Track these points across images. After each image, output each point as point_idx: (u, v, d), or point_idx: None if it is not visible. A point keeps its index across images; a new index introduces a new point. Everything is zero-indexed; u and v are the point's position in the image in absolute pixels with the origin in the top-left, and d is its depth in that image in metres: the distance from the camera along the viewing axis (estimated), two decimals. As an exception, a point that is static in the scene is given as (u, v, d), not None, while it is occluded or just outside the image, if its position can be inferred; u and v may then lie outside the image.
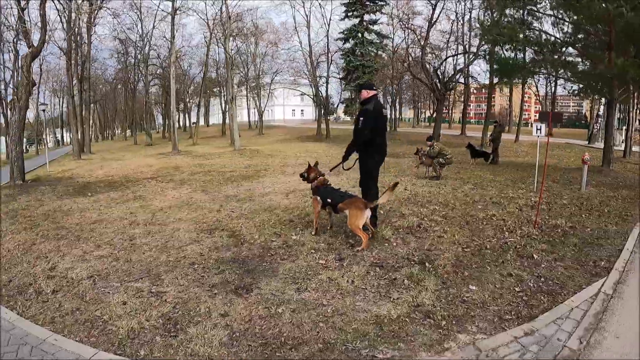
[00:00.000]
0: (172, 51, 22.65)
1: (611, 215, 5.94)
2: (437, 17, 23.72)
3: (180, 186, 9.74)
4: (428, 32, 22.94)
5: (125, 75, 39.42)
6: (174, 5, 21.69)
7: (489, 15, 13.39)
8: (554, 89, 35.05)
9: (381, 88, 38.65)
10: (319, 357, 2.59)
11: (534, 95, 42.29)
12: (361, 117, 4.77)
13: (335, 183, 8.60)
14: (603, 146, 12.47)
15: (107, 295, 3.62)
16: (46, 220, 6.64)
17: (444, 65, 25.76)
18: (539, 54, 11.77)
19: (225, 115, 39.68)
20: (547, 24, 11.74)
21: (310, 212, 6.03)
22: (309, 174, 5.17)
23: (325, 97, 32.97)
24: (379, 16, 27.84)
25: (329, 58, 31.92)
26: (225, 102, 39.08)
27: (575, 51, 11.62)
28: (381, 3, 26.89)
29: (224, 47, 23.45)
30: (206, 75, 37.19)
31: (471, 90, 39.38)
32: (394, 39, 30.07)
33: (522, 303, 3.21)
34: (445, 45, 28.66)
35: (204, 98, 49.39)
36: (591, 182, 8.81)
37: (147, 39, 33.07)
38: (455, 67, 25.97)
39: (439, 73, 23.50)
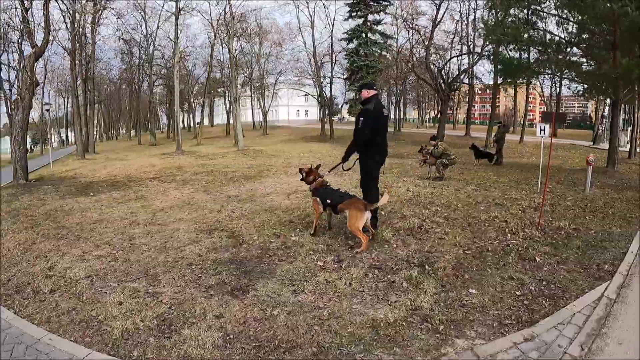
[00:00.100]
0: (176, 51, 22.71)
1: (615, 218, 5.84)
2: (442, 17, 23.70)
3: (182, 186, 9.74)
4: (432, 33, 22.89)
5: (130, 76, 39.64)
6: (178, 5, 21.75)
7: (493, 15, 13.27)
8: (558, 90, 34.85)
9: (385, 88, 38.60)
10: (313, 361, 2.55)
11: (538, 96, 42.05)
12: (361, 117, 4.72)
13: (337, 184, 8.59)
14: (608, 147, 12.33)
15: (103, 295, 3.61)
16: (47, 219, 6.66)
17: (448, 65, 25.64)
18: (543, 54, 11.66)
19: (230, 116, 39.72)
20: (552, 23, 11.62)
21: (310, 212, 5.99)
22: (308, 176, 5.13)
23: (329, 97, 32.95)
24: (383, 16, 27.83)
25: (333, 58, 31.90)
26: (229, 102, 39.13)
27: (580, 51, 11.51)
28: (385, 3, 26.84)
29: (228, 47, 23.49)
30: (210, 75, 37.25)
31: (476, 91, 39.16)
32: (398, 39, 30.02)
33: (523, 307, 3.14)
34: (450, 46, 28.48)
35: (208, 98, 49.55)
36: (595, 183, 8.71)
37: (152, 39, 33.27)
38: (460, 67, 25.82)
39: (443, 73, 23.41)
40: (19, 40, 15.86)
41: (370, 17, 27.10)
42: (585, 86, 11.81)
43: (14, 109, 11.00)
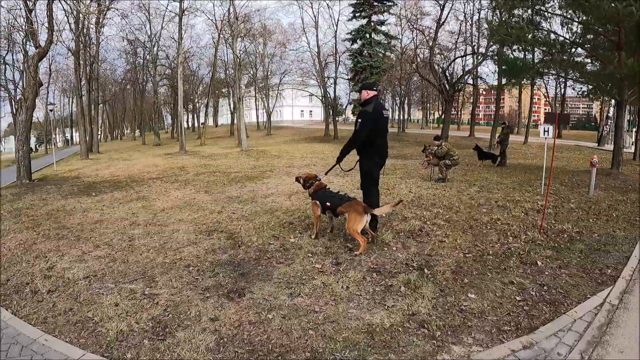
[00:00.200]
0: (180, 52, 22.76)
1: (619, 220, 5.75)
2: (446, 17, 23.57)
3: (184, 187, 9.75)
4: (436, 33, 22.76)
5: (134, 76, 39.82)
6: (182, 6, 21.81)
7: (497, 16, 13.16)
8: (563, 90, 34.58)
9: (389, 89, 38.49)
10: (306, 367, 2.51)
11: (543, 97, 41.77)
12: (359, 119, 4.67)
13: (338, 185, 8.57)
14: (612, 148, 12.21)
15: (100, 297, 3.60)
16: (49, 219, 6.68)
17: (452, 66, 25.54)
18: (547, 55, 11.55)
19: (234, 116, 39.82)
20: (556, 24, 11.50)
21: (310, 214, 5.95)
22: (306, 181, 5.10)
23: (333, 97, 32.92)
24: (387, 17, 27.74)
25: (337, 59, 31.90)
26: (233, 102, 39.21)
27: (584, 52, 11.39)
28: (389, 3, 26.75)
29: (232, 47, 23.52)
30: (214, 76, 37.36)
31: (480, 92, 38.95)
32: (402, 39, 29.93)
33: (523, 313, 3.07)
34: (454, 46, 28.37)
35: (213, 98, 49.67)
36: (600, 185, 8.60)
37: (156, 39, 33.39)
38: (464, 68, 25.69)
39: (447, 74, 23.30)
40: (24, 41, 15.97)
41: (374, 18, 27.01)
42: (590, 87, 11.69)
43: (18, 109, 11.07)
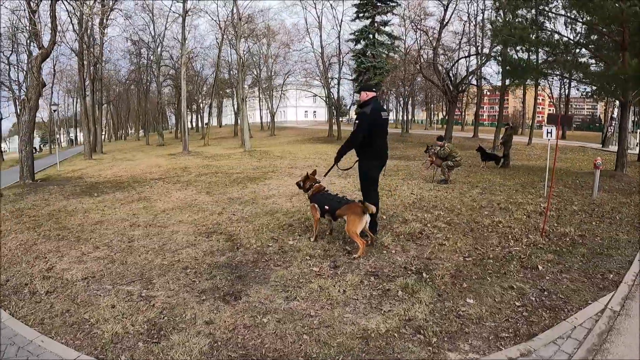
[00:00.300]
0: (183, 53, 22.83)
1: (623, 223, 5.66)
2: (449, 18, 23.49)
3: (185, 187, 9.75)
4: (440, 34, 22.71)
5: (138, 76, 40.02)
6: (185, 6, 21.87)
7: (501, 16, 13.07)
8: (567, 91, 34.32)
9: (393, 90, 38.39)
10: (299, 372, 2.49)
11: (547, 98, 41.48)
12: (357, 121, 4.63)
13: (340, 186, 8.53)
14: (617, 150, 12.08)
15: (97, 298, 3.60)
16: (50, 220, 6.71)
17: (456, 66, 25.39)
18: (551, 55, 11.46)
19: (237, 116, 39.92)
20: (560, 24, 11.41)
21: (310, 216, 5.92)
22: (305, 183, 5.07)
23: (337, 98, 32.88)
24: (391, 17, 27.59)
25: (341, 59, 31.88)
26: (237, 103, 39.30)
27: (588, 52, 11.28)
28: (393, 4, 26.61)
29: (235, 48, 23.57)
30: (218, 76, 37.43)
31: (484, 92, 38.75)
32: (406, 40, 29.82)
33: (522, 319, 3.02)
34: (458, 47, 28.21)
35: (216, 99, 49.79)
36: (603, 187, 8.49)
37: (160, 40, 33.50)
38: (468, 68, 25.55)
39: (451, 75, 23.19)
40: (28, 42, 16.07)
41: (377, 18, 26.87)
42: (594, 88, 11.57)
43: (21, 110, 11.14)
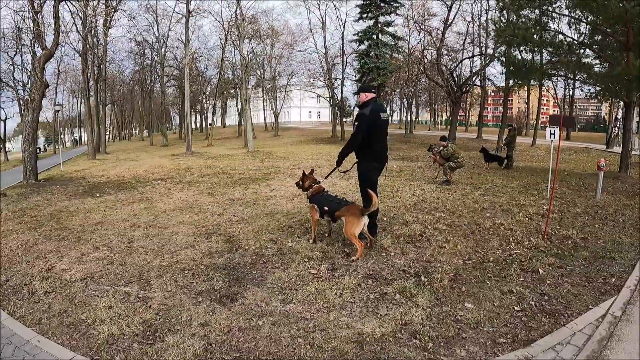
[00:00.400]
0: (186, 53, 22.88)
1: (626, 226, 5.58)
2: (453, 18, 23.38)
3: (187, 188, 9.77)
4: (444, 34, 22.62)
5: (142, 77, 40.19)
6: (188, 7, 21.93)
7: (504, 16, 12.98)
8: (572, 92, 34.08)
9: (397, 90, 38.28)
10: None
11: (552, 98, 41.21)
12: (356, 122, 4.59)
13: (342, 188, 8.50)
14: (621, 151, 11.95)
15: (95, 299, 3.61)
16: (51, 220, 6.74)
17: (459, 67, 25.30)
18: (554, 56, 11.35)
19: (241, 117, 39.99)
20: (563, 24, 11.30)
21: (310, 217, 5.90)
22: (304, 182, 5.04)
23: (340, 99, 32.84)
24: (394, 18, 27.49)
25: (344, 60, 31.84)
26: (241, 103, 39.39)
27: (592, 52, 11.17)
28: (396, 4, 26.52)
29: (239, 49, 23.58)
30: (222, 76, 37.52)
31: (489, 93, 38.55)
32: (409, 40, 29.72)
33: (521, 324, 2.97)
34: (461, 47, 28.10)
35: (220, 99, 49.92)
36: (607, 188, 8.39)
37: (163, 40, 33.63)
38: (472, 69, 25.42)
39: (455, 75, 23.11)
40: (32, 42, 16.17)
41: (381, 19, 26.77)
42: (598, 88, 11.45)
43: (24, 110, 11.21)
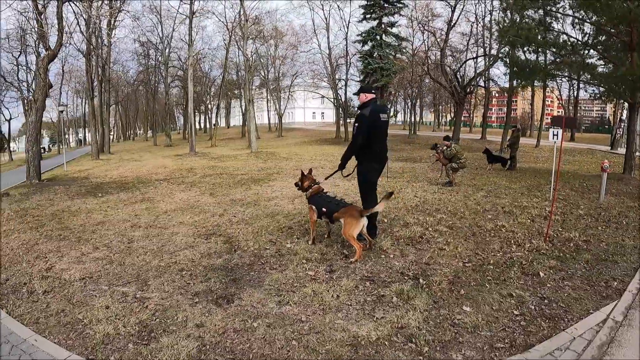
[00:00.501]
0: (190, 54, 22.96)
1: (629, 228, 5.50)
2: (457, 19, 23.28)
3: (189, 189, 9.78)
4: (447, 35, 22.53)
5: (146, 77, 40.39)
6: (192, 8, 21.99)
7: (508, 17, 12.90)
8: (576, 93, 33.84)
9: (401, 91, 38.19)
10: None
11: (556, 99, 40.94)
12: (356, 123, 4.56)
13: (343, 189, 8.47)
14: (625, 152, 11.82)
15: (93, 299, 3.61)
16: (52, 220, 6.77)
17: (463, 68, 25.18)
18: (558, 56, 11.26)
19: (245, 117, 40.08)
20: (567, 25, 11.20)
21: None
22: (303, 182, 5.01)
23: (344, 99, 32.82)
24: (398, 18, 27.47)
25: (348, 61, 31.84)
26: (245, 104, 39.46)
27: (596, 53, 11.06)
28: (400, 5, 26.50)
29: (242, 49, 23.63)
30: (225, 77, 37.62)
31: (493, 94, 38.36)
32: (413, 41, 29.64)
33: (519, 329, 2.92)
34: (465, 48, 27.97)
35: (224, 100, 50.03)
36: (611, 190, 8.29)
37: (167, 41, 33.76)
38: (476, 70, 25.30)
39: (459, 76, 23.01)
40: (36, 43, 16.28)
41: (384, 20, 26.76)
42: (602, 89, 11.33)
43: (28, 110, 11.29)
